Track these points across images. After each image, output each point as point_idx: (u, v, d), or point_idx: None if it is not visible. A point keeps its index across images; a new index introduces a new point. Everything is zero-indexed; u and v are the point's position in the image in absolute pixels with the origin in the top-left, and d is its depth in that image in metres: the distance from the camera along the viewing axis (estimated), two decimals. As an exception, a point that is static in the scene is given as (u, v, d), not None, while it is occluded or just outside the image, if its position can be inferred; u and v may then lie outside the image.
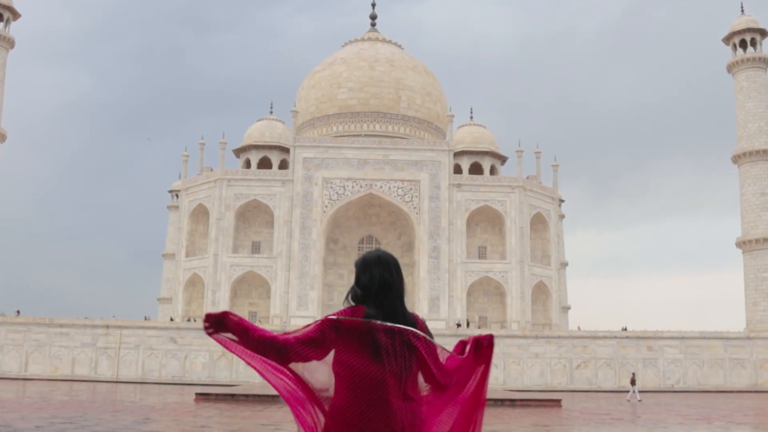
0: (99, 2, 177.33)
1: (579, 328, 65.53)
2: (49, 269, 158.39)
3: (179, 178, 77.65)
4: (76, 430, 15.06)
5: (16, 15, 60.82)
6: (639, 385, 54.48)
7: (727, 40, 62.88)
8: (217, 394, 27.59)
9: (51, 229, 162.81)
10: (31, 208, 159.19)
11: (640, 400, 36.21)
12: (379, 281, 4.22)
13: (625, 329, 57.27)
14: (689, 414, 25.79)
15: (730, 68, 62.66)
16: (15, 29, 61.81)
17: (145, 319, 56.33)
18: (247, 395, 27.26)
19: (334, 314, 4.15)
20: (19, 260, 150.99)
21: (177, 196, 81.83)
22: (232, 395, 27.19)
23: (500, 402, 28.47)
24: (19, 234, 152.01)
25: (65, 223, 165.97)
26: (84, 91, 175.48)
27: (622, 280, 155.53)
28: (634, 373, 45.03)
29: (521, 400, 29.31)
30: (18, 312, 57.06)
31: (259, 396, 27.11)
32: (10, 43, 60.31)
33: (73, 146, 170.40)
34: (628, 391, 52.38)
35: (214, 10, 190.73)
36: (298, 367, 4.23)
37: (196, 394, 27.74)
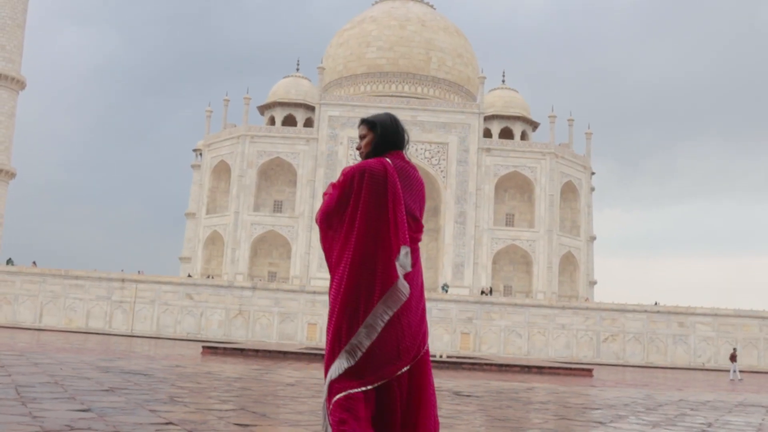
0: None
1: (587, 299, 63.17)
2: (75, 228, 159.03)
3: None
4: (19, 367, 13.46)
5: (38, -41, 59.27)
6: (668, 361, 52.61)
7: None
8: (225, 348, 26.07)
9: (78, 188, 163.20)
10: (59, 167, 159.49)
11: (740, 379, 33.09)
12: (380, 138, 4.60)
13: (657, 304, 55.13)
14: (731, 389, 23.87)
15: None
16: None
17: (140, 273, 54.58)
18: (257, 350, 25.71)
19: None
20: (47, 218, 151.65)
21: (201, 155, 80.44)
22: (241, 350, 25.65)
23: (527, 369, 26.74)
24: (46, 193, 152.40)
25: (92, 182, 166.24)
26: (113, 52, 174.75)
27: (649, 260, 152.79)
28: (735, 348, 40.21)
29: (549, 368, 27.53)
30: (34, 263, 56.23)
31: (269, 351, 25.55)
32: (32, -12, 58.88)
33: (101, 107, 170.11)
34: (655, 367, 50.51)
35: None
36: None
37: (203, 347, 26.27)
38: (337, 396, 4.04)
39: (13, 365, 13.10)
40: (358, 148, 4.64)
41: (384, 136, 4.52)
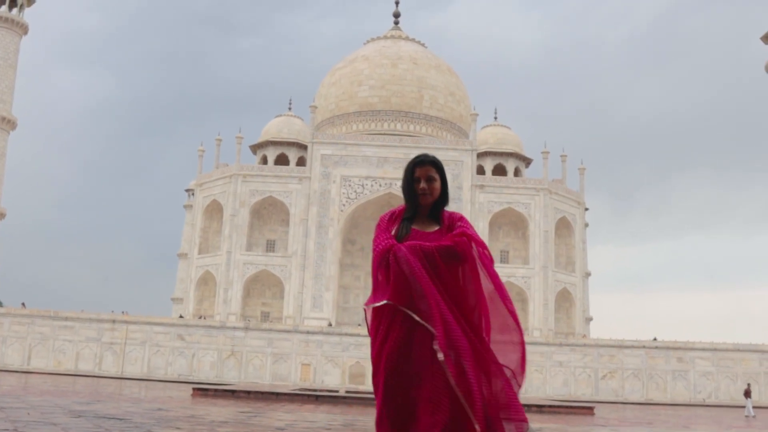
0: (124, 4, 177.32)
1: (584, 336, 62.46)
2: (66, 268, 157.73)
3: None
4: None
5: (30, 1, 59.38)
6: (668, 398, 51.68)
7: (766, 38, 60.04)
8: (216, 390, 25.34)
9: (69, 228, 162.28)
10: (51, 207, 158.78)
11: (752, 416, 32.06)
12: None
13: (655, 339, 54.43)
14: (739, 426, 23.21)
15: (769, 69, 59.81)
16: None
17: (123, 313, 53.62)
18: (248, 392, 24.97)
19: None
20: (38, 258, 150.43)
21: (193, 194, 79.97)
22: (233, 391, 24.91)
23: (526, 407, 25.96)
24: (37, 233, 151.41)
25: (84, 222, 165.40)
26: (107, 92, 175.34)
27: (645, 295, 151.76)
28: (749, 384, 39.19)
29: (549, 406, 26.82)
30: (23, 304, 55.30)
31: (261, 393, 24.83)
32: (24, 29, 58.86)
33: (95, 147, 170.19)
34: (655, 404, 49.54)
35: (238, 13, 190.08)
36: None
37: (194, 389, 25.54)
38: None
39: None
40: (423, 190, 4.54)
41: (447, 182, 4.70)
